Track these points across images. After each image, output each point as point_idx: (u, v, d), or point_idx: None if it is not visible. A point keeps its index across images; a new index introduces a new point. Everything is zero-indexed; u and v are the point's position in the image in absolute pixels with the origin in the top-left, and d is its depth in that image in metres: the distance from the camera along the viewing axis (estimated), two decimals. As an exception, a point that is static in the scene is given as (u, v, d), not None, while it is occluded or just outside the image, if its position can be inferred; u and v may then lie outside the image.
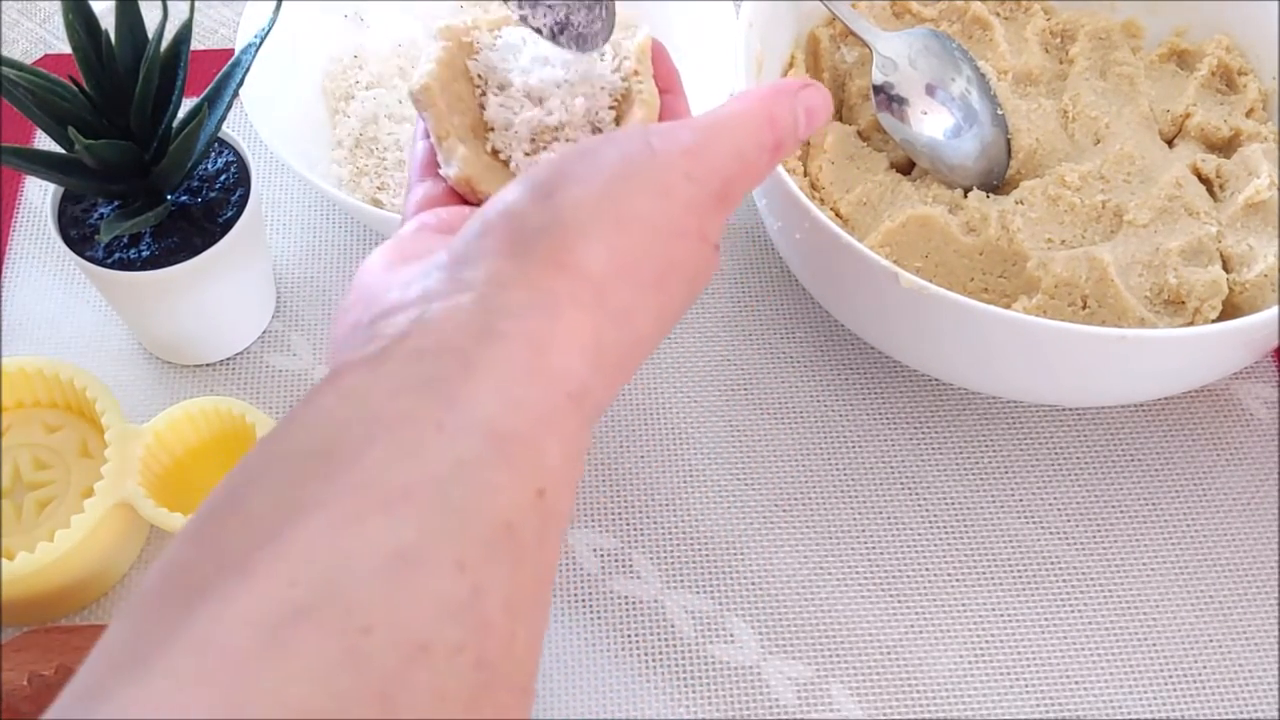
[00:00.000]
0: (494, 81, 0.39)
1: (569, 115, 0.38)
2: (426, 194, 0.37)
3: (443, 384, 0.26)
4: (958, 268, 0.50)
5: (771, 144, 0.33)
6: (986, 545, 0.51)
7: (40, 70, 0.45)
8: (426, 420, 0.26)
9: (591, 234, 0.30)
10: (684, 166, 0.31)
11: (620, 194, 0.30)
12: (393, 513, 0.24)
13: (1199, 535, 0.51)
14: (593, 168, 0.30)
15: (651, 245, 0.30)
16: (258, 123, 0.53)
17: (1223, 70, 0.57)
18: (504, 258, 0.29)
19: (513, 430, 0.26)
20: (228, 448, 0.50)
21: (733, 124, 0.33)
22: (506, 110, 0.38)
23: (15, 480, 0.48)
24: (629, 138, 0.31)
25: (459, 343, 0.27)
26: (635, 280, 0.30)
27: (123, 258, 0.49)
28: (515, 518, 0.26)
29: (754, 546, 0.50)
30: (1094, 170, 0.52)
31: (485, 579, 0.24)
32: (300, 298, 0.57)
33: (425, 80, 0.37)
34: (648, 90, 0.38)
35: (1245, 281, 0.49)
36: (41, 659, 0.43)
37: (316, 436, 0.26)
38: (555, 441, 0.27)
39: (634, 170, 0.31)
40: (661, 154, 0.31)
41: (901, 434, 0.54)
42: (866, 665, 0.48)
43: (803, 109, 0.35)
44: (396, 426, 0.26)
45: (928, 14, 0.58)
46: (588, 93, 0.38)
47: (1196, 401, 0.55)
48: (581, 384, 0.29)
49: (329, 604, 0.23)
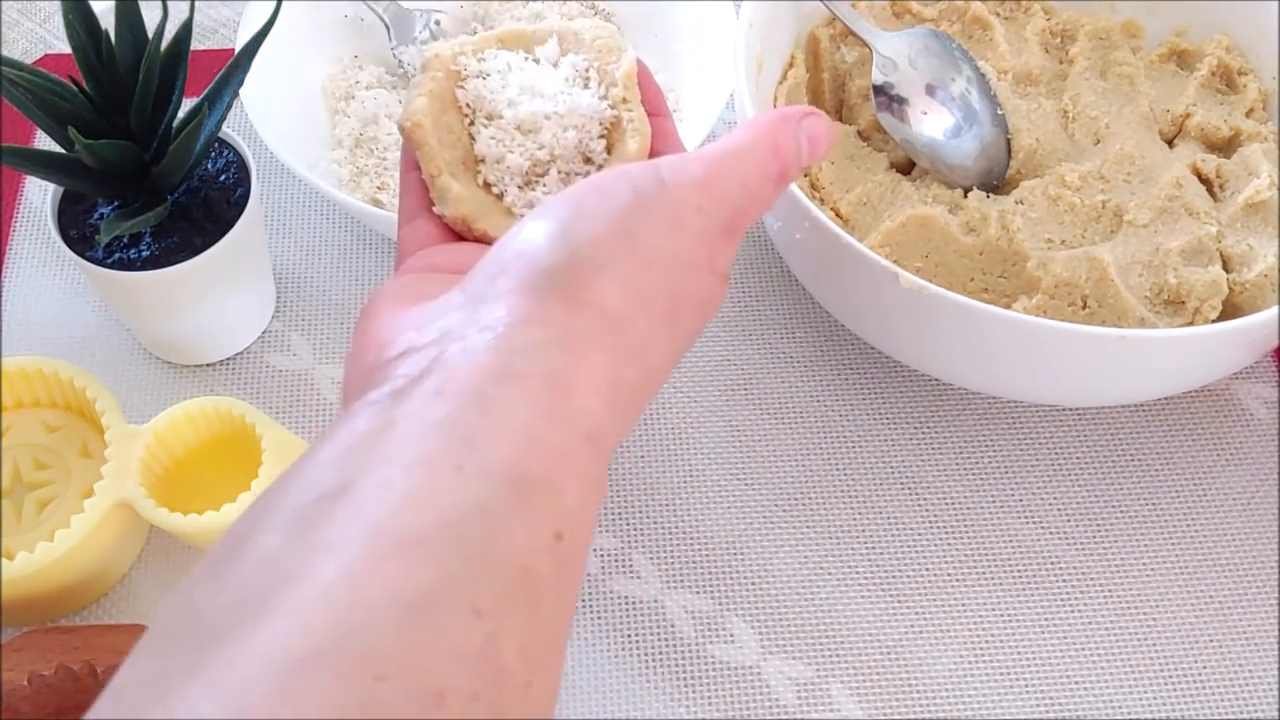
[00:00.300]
0: (482, 111, 0.38)
1: (561, 149, 0.37)
2: (421, 232, 0.37)
3: (461, 425, 0.26)
4: (958, 268, 0.50)
5: (776, 173, 0.34)
6: (986, 545, 0.51)
7: (40, 70, 0.45)
8: (444, 463, 0.26)
9: (608, 270, 0.29)
10: (695, 199, 0.31)
11: (635, 229, 0.30)
12: (409, 557, 0.24)
13: (1199, 535, 0.51)
14: (606, 204, 0.30)
15: (665, 279, 0.30)
16: (258, 123, 0.53)
17: (1223, 70, 0.57)
18: (521, 296, 0.29)
19: (531, 473, 0.26)
20: (228, 448, 0.50)
21: (739, 155, 0.33)
22: (499, 144, 0.37)
23: (15, 480, 0.48)
24: (640, 172, 0.31)
25: (478, 384, 0.27)
26: (650, 315, 0.30)
27: (123, 258, 0.49)
28: (532, 562, 0.25)
29: (754, 546, 0.50)
30: (1094, 170, 0.52)
31: (501, 625, 0.24)
32: (300, 297, 0.57)
33: (418, 117, 0.36)
34: (638, 118, 0.38)
35: (1245, 281, 0.49)
36: (41, 659, 0.43)
37: (333, 475, 0.26)
38: (573, 483, 0.27)
39: (647, 205, 0.31)
40: (673, 188, 0.31)
41: (901, 434, 0.54)
42: (866, 665, 0.48)
43: (805, 137, 0.35)
44: (414, 468, 0.25)
45: (928, 14, 0.58)
46: (578, 124, 0.38)
47: (1196, 401, 0.55)
48: (599, 423, 0.28)
49: (344, 650, 0.22)
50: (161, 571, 0.49)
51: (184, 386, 0.54)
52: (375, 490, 0.25)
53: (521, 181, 0.37)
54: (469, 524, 0.25)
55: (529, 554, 0.25)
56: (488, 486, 0.25)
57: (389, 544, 0.24)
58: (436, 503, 0.25)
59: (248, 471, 0.47)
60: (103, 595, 0.49)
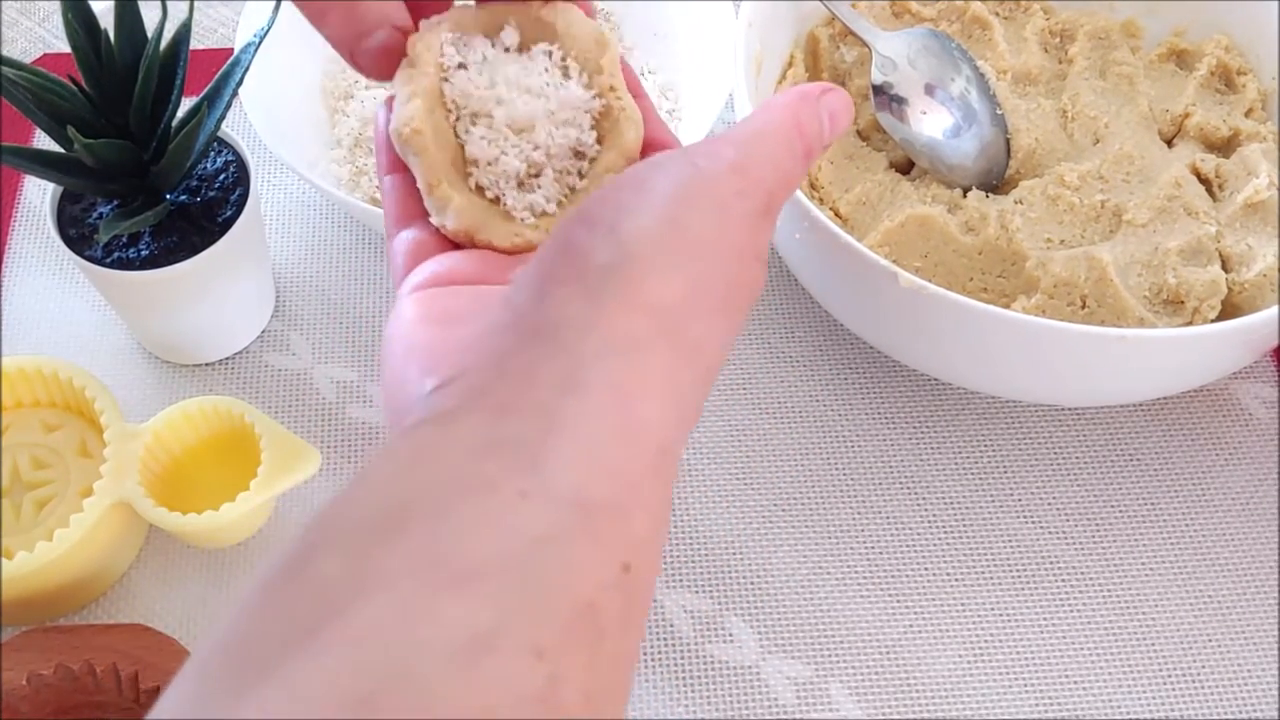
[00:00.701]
0: (468, 109, 0.35)
1: (556, 147, 0.35)
2: (415, 242, 0.34)
3: (525, 445, 0.25)
4: (957, 267, 0.50)
5: (802, 151, 0.33)
6: (985, 545, 0.51)
7: (39, 69, 0.45)
8: (508, 487, 0.24)
9: (661, 265, 0.28)
10: (735, 185, 0.30)
11: (682, 219, 0.29)
12: (467, 592, 0.22)
13: (1198, 535, 0.51)
14: (648, 196, 0.29)
15: (718, 269, 0.29)
16: (257, 122, 0.53)
17: (1222, 70, 0.57)
18: (577, 301, 0.27)
19: (599, 498, 0.25)
20: (227, 447, 0.50)
21: (766, 136, 0.32)
22: (491, 145, 0.35)
23: (14, 480, 0.48)
24: (673, 161, 0.30)
25: (542, 396, 0.25)
26: (705, 308, 0.29)
27: (122, 257, 0.49)
28: (599, 597, 0.24)
29: (753, 546, 0.50)
30: (1093, 170, 0.52)
31: (564, 666, 0.23)
32: (299, 297, 0.57)
33: (416, 123, 0.34)
34: (629, 106, 0.36)
35: (1244, 281, 0.49)
36: (41, 659, 0.43)
37: (388, 498, 0.24)
38: (642, 509, 0.26)
39: (689, 194, 0.29)
40: (710, 174, 0.30)
41: (901, 434, 0.54)
42: (866, 665, 0.48)
43: (826, 113, 0.34)
44: (475, 493, 0.24)
45: (927, 14, 0.58)
46: (570, 119, 0.35)
47: (1196, 401, 0.55)
48: (664, 436, 0.27)
49: (395, 694, 0.21)
50: (160, 571, 0.49)
51: (183, 386, 0.54)
52: (432, 516, 0.23)
53: (516, 183, 0.35)
54: (532, 557, 0.23)
55: (596, 589, 0.24)
56: (553, 515, 0.24)
57: (445, 578, 0.22)
58: (497, 532, 0.23)
59: (247, 471, 0.47)
60: (101, 595, 0.49)
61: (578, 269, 0.28)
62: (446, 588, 0.22)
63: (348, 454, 0.53)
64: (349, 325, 0.56)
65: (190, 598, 0.49)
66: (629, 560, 0.25)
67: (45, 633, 0.44)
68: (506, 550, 0.23)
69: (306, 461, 0.47)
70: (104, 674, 0.44)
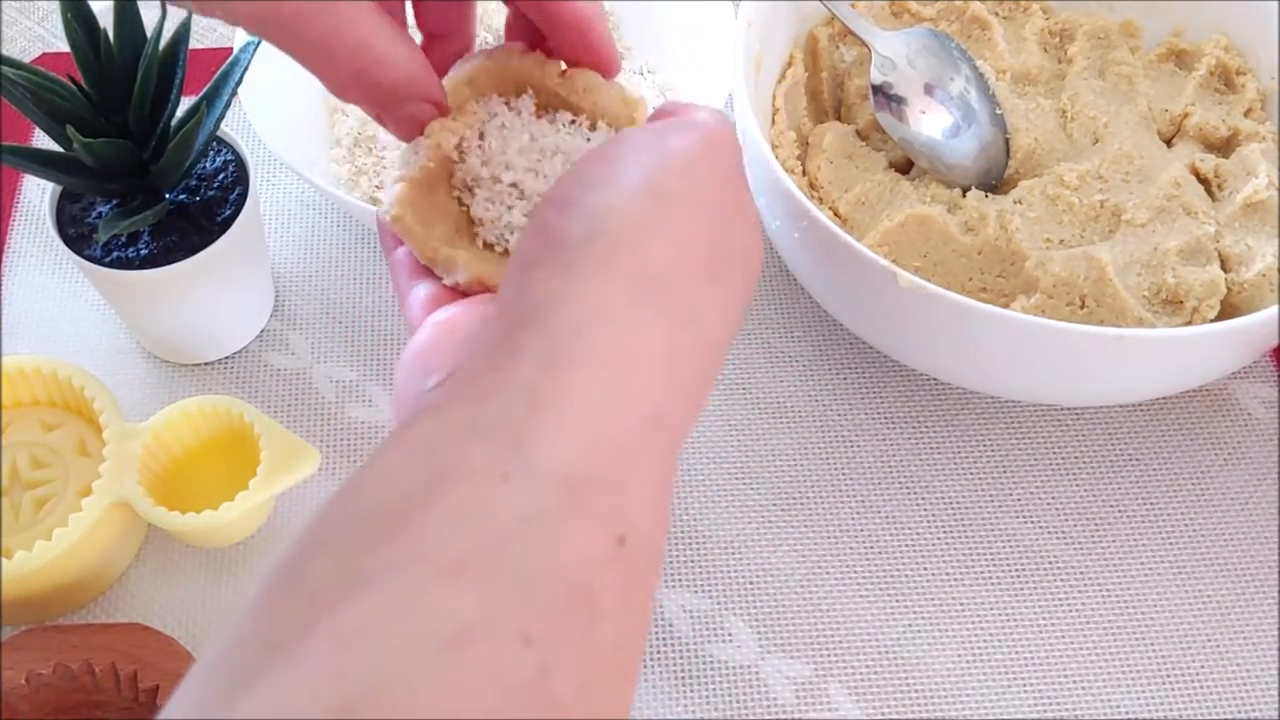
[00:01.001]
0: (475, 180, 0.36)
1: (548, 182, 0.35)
2: (429, 296, 0.34)
3: (508, 427, 0.24)
4: (956, 267, 0.50)
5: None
6: (984, 545, 0.51)
7: (38, 69, 0.45)
8: (491, 472, 0.23)
9: (636, 232, 0.28)
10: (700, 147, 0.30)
11: (652, 186, 0.28)
12: (451, 585, 0.22)
13: (1197, 535, 0.51)
14: (615, 168, 0.29)
15: (692, 231, 0.28)
16: (256, 122, 0.53)
17: (1221, 70, 0.57)
18: (556, 279, 0.27)
19: (586, 472, 0.24)
20: (226, 447, 0.50)
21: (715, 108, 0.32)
22: (496, 205, 0.35)
23: (13, 479, 0.48)
24: (637, 134, 0.30)
25: (525, 375, 0.25)
26: (690, 273, 0.28)
27: (121, 256, 0.49)
28: (591, 576, 0.23)
29: (752, 546, 0.50)
30: (1092, 170, 0.52)
31: (554, 652, 0.22)
32: (299, 296, 0.57)
33: (396, 210, 0.34)
34: None
35: (1244, 281, 0.49)
36: (40, 658, 0.43)
37: (378, 497, 0.24)
38: (636, 478, 0.25)
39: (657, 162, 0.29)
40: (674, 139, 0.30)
41: (900, 433, 0.54)
42: (865, 665, 0.48)
43: None
44: (459, 482, 0.23)
45: (926, 13, 0.58)
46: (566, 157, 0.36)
47: (1195, 401, 0.55)
48: (658, 405, 0.26)
49: (379, 698, 0.21)
50: (160, 570, 0.49)
51: (182, 385, 0.54)
52: (419, 510, 0.23)
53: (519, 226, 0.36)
54: (517, 540, 0.23)
55: (587, 567, 0.23)
56: (537, 495, 0.23)
57: (430, 572, 0.22)
58: (482, 520, 0.23)
59: (246, 470, 0.47)
60: (101, 594, 0.49)
61: (554, 249, 0.28)
62: (430, 582, 0.22)
63: (347, 453, 0.53)
64: (348, 325, 0.56)
65: (189, 597, 0.49)
66: (623, 532, 0.24)
67: (44, 632, 0.44)
68: (490, 536, 0.23)
69: (306, 461, 0.47)
70: (103, 673, 0.44)
